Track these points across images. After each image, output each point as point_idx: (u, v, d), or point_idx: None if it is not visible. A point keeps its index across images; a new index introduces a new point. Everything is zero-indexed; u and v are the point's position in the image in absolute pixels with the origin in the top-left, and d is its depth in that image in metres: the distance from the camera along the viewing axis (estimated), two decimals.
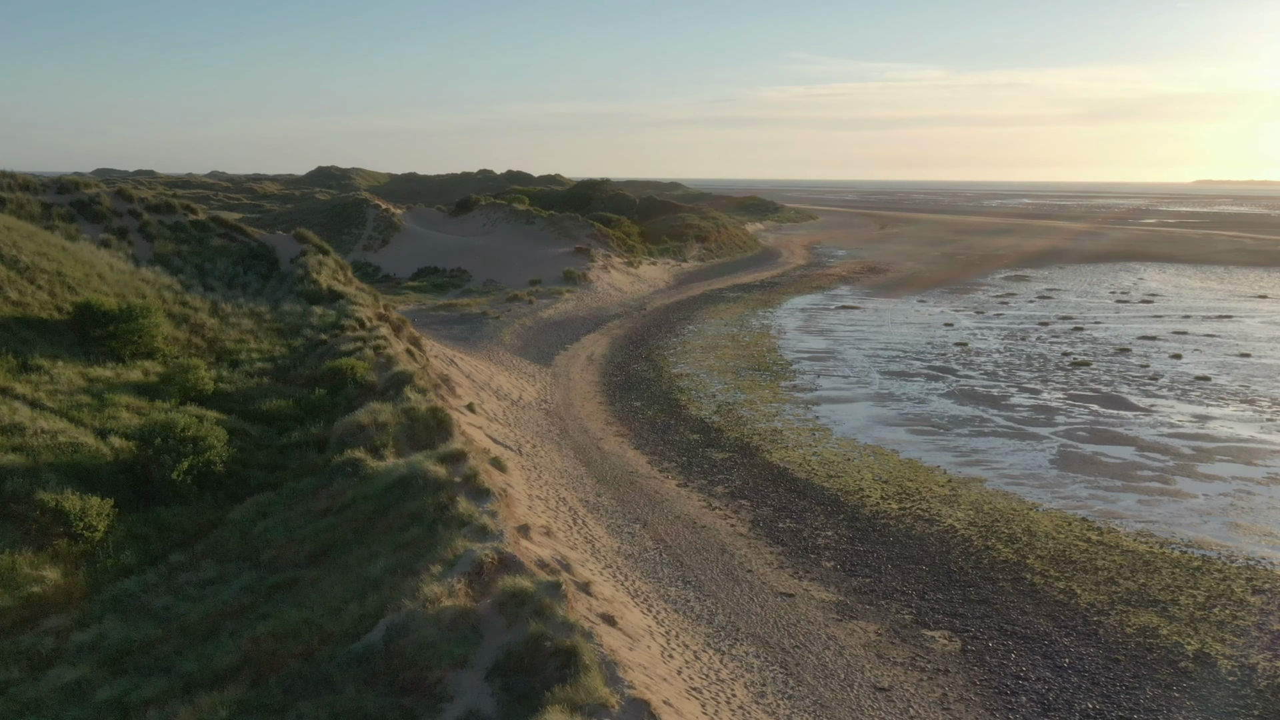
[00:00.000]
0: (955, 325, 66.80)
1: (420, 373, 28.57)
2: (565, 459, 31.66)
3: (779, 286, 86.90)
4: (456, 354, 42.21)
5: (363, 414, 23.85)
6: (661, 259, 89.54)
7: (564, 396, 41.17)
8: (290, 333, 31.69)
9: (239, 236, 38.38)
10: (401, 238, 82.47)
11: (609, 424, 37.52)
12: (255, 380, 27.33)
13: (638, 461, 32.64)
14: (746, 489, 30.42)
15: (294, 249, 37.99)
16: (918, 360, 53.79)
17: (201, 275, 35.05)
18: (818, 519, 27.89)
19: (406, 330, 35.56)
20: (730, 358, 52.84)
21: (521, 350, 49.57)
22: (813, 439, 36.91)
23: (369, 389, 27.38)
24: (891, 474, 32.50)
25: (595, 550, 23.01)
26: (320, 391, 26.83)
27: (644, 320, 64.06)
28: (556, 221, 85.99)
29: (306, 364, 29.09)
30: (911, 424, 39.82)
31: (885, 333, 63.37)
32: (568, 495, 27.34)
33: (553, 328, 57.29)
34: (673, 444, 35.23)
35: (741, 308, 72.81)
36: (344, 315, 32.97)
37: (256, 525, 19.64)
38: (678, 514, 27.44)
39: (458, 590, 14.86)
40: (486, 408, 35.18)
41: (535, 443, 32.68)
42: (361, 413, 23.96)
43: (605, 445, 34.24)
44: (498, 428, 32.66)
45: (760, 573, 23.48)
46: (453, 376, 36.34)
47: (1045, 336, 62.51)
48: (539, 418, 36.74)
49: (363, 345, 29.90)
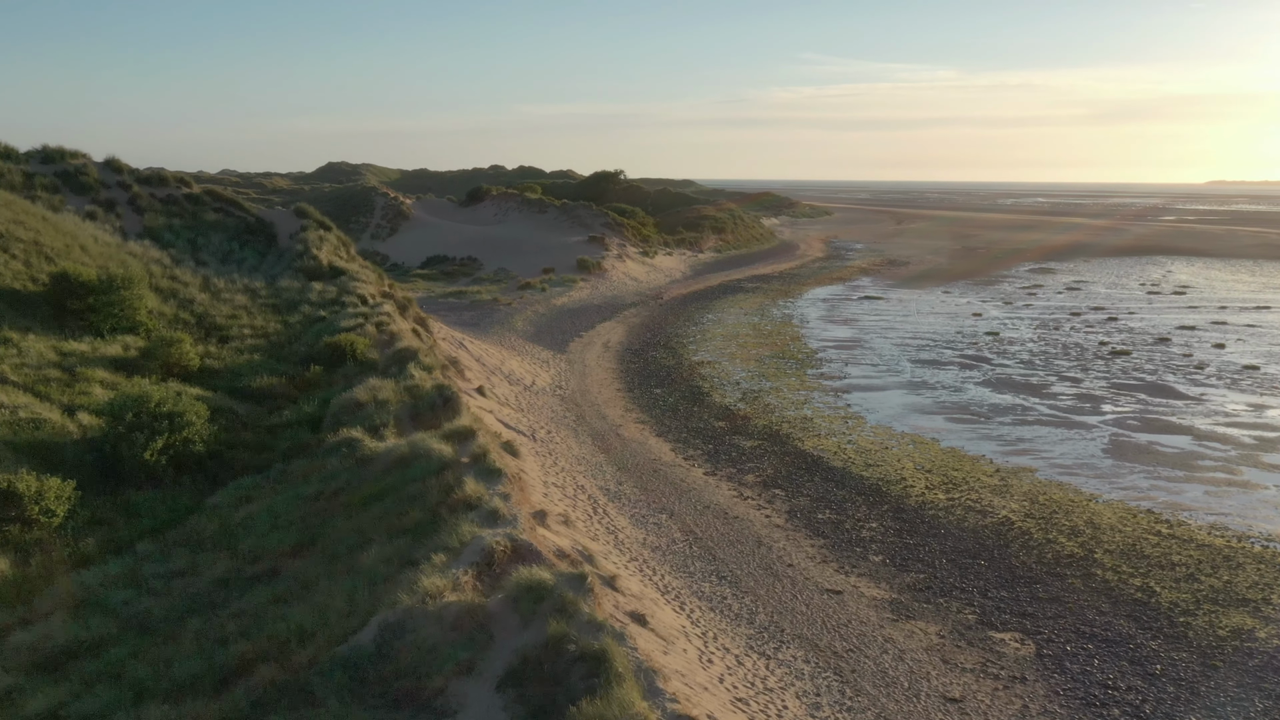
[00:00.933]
0: (984, 315, 64.31)
1: (426, 350, 26.29)
2: (583, 445, 29.34)
3: (798, 278, 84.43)
4: (466, 338, 39.93)
5: (361, 390, 21.56)
6: (677, 250, 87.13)
7: (579, 383, 38.84)
8: (287, 309, 29.44)
9: (236, 211, 36.16)
10: (410, 227, 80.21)
11: (628, 410, 35.17)
12: (246, 357, 25.09)
13: (660, 449, 30.28)
14: (779, 478, 28.03)
15: (293, 225, 35.77)
16: (949, 349, 51.36)
17: (194, 250, 32.85)
18: (859, 510, 25.49)
19: (412, 310, 33.30)
20: (753, 346, 50.46)
21: (534, 337, 47.26)
22: (846, 427, 34.52)
23: (370, 366, 25.11)
24: (934, 463, 30.08)
25: (619, 541, 20.66)
26: (316, 368, 24.57)
27: (661, 309, 61.70)
28: (570, 210, 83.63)
29: (303, 341, 26.82)
30: (949, 412, 37.39)
31: (912, 322, 60.91)
32: (586, 483, 25.01)
33: (567, 315, 54.97)
34: (697, 431, 32.87)
35: (761, 298, 70.39)
36: (345, 292, 30.71)
37: (238, 511, 17.37)
38: (707, 504, 25.08)
39: (464, 583, 12.55)
40: (497, 392, 32.88)
41: (550, 428, 30.35)
42: (360, 389, 21.68)
43: (625, 432, 31.90)
44: (509, 412, 30.35)
45: (802, 567, 21.10)
46: (461, 359, 34.05)
47: (1079, 326, 59.99)
48: (553, 403, 34.42)
49: (364, 321, 27.62)
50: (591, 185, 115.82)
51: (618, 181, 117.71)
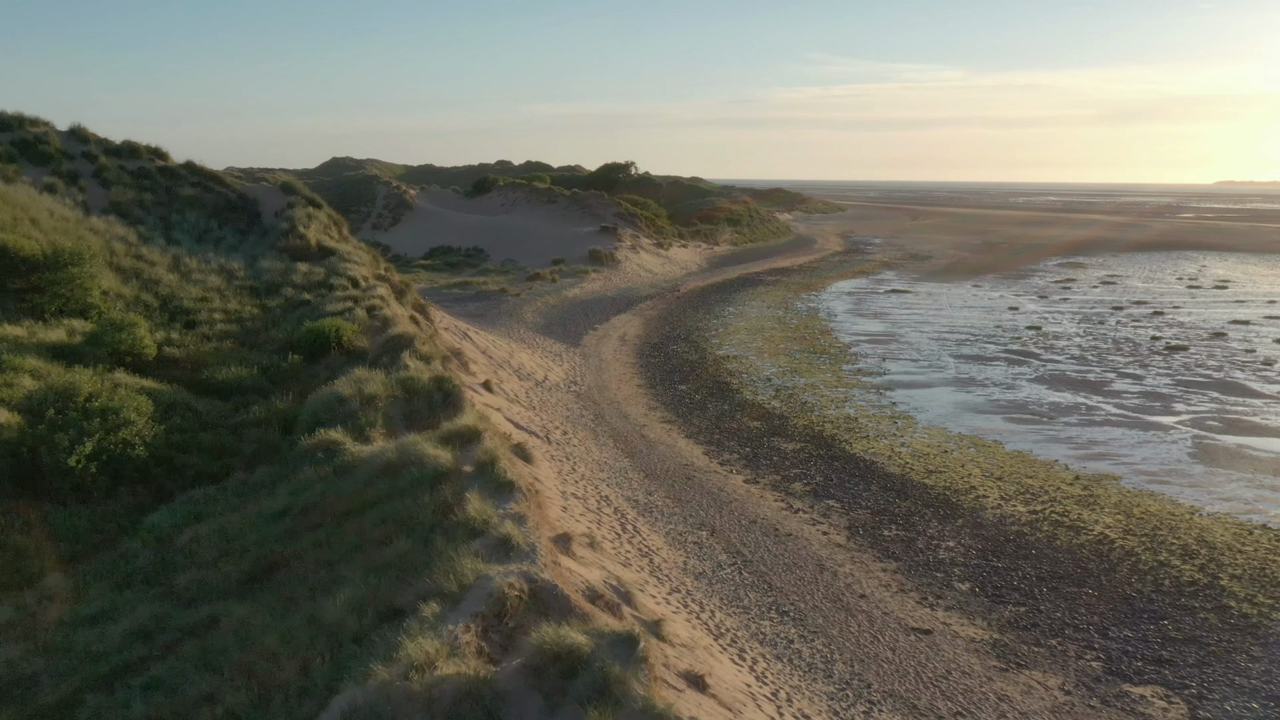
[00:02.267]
0: (1021, 309, 60.57)
1: (424, 339, 22.67)
2: (604, 449, 25.68)
3: (819, 271, 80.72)
4: (471, 329, 36.29)
5: (344, 384, 17.94)
6: (692, 242, 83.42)
7: (596, 378, 35.17)
8: (266, 292, 25.85)
9: (215, 186, 32.62)
10: (413, 217, 76.59)
11: (652, 409, 31.50)
12: (213, 345, 21.47)
13: (692, 452, 26.62)
14: (831, 486, 24.36)
15: (280, 202, 32.20)
16: (990, 344, 47.65)
17: (166, 228, 29.28)
18: (930, 525, 21.80)
19: (411, 295, 29.67)
20: (779, 340, 46.77)
21: (545, 329, 43.61)
22: (895, 428, 30.83)
23: (358, 356, 21.49)
24: (1003, 469, 26.39)
25: (655, 568, 17.01)
26: (294, 358, 20.97)
27: (678, 302, 58.04)
28: (581, 200, 79.96)
29: (282, 327, 23.21)
30: (1007, 411, 33.69)
31: (946, 316, 57.18)
32: (611, 493, 21.35)
33: (579, 307, 51.30)
34: (731, 432, 29.19)
35: (783, 291, 66.69)
36: (334, 274, 27.10)
37: (183, 533, 13.74)
38: (752, 517, 21.40)
39: (465, 645, 8.90)
40: (506, 387, 29.24)
41: (566, 429, 26.70)
42: (343, 382, 18.06)
43: (650, 433, 28.24)
44: (520, 410, 26.71)
45: (877, 598, 17.42)
46: (465, 351, 30.41)
47: (1124, 321, 56.23)
48: (568, 400, 30.76)
49: (353, 306, 24.00)
50: (601, 178, 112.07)
51: (628, 174, 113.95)
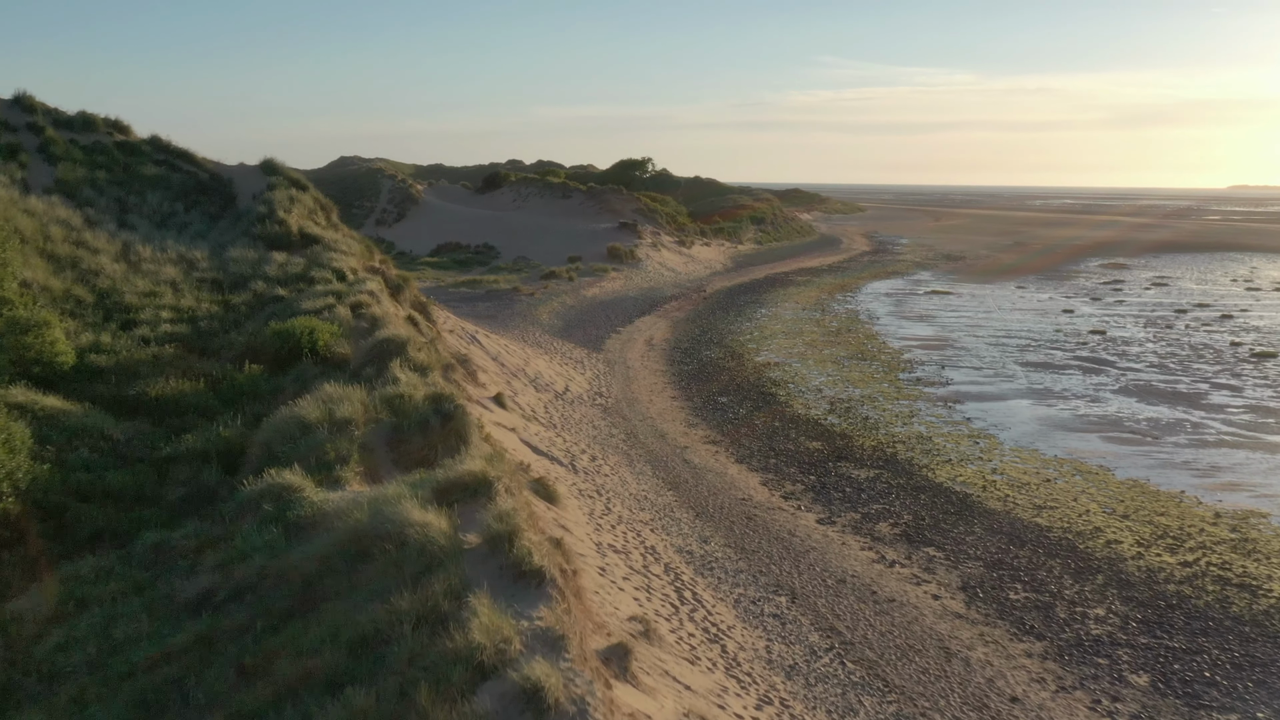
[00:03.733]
0: (1076, 312, 55.80)
1: (421, 344, 18.08)
2: (641, 478, 21.04)
3: (850, 271, 75.97)
4: (480, 331, 31.70)
5: (309, 404, 13.35)
6: (715, 240, 78.76)
7: (624, 389, 30.54)
8: (232, 286, 21.28)
9: (184, 165, 28.11)
10: (420, 212, 72.06)
11: (692, 426, 26.85)
12: (153, 350, 16.88)
13: (747, 482, 21.95)
14: (925, 528, 19.67)
15: (259, 183, 27.71)
16: (1057, 349, 42.92)
17: (121, 210, 24.80)
18: (1064, 583, 17.10)
19: (409, 292, 25.10)
20: (822, 345, 42.08)
21: (563, 332, 38.99)
22: (978, 449, 26.16)
23: (336, 365, 16.90)
24: (1124, 503, 21.69)
25: (732, 660, 12.33)
26: (253, 368, 16.38)
27: (706, 303, 53.35)
28: (597, 195, 75.35)
29: (245, 328, 18.62)
30: (1101, 429, 28.99)
31: (998, 319, 52.43)
32: (657, 542, 16.70)
33: (599, 308, 46.67)
34: (788, 455, 24.53)
35: (816, 291, 61.99)
36: (316, 264, 22.52)
37: (47, 638, 9.16)
38: (839, 574, 16.72)
39: None
40: (521, 401, 24.64)
41: (594, 453, 22.06)
42: (308, 402, 13.47)
43: (694, 457, 23.58)
44: (538, 430, 22.09)
45: (1034, 702, 12.72)
46: (474, 358, 25.83)
47: (1193, 325, 51.45)
48: (594, 416, 26.14)
49: (335, 303, 19.39)
50: (616, 175, 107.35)
51: (644, 171, 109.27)
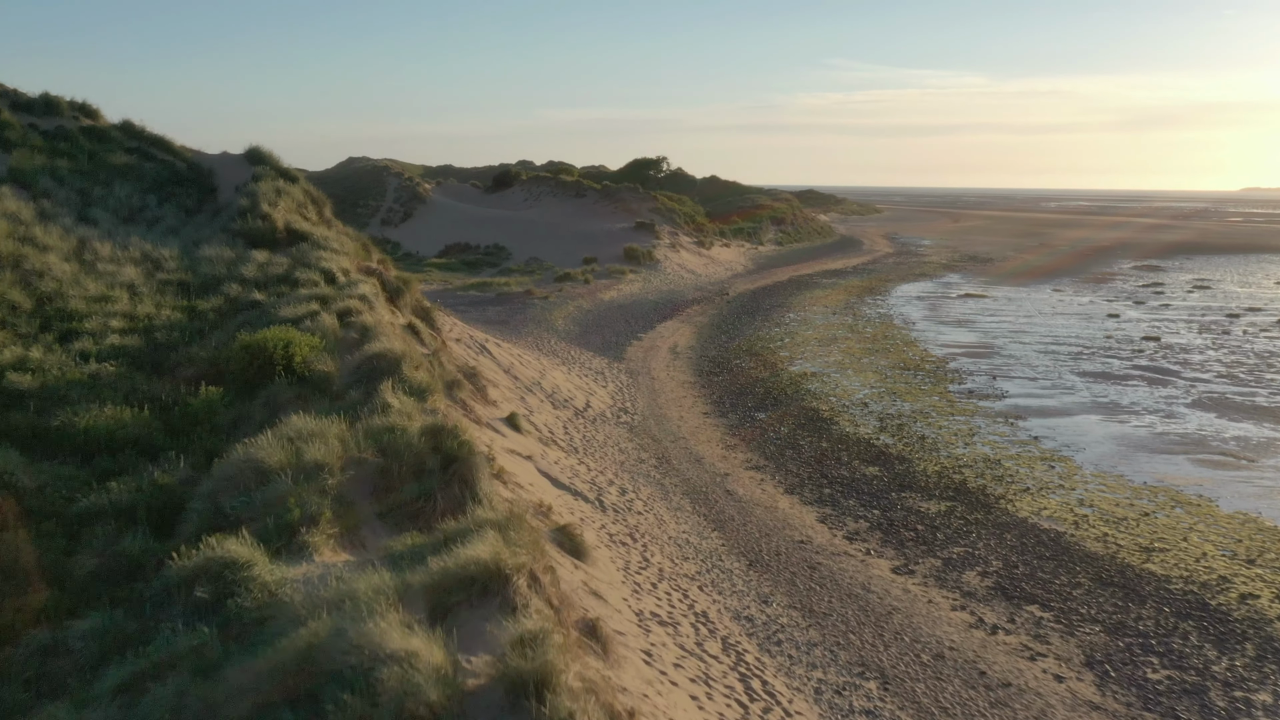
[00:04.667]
0: (1123, 317, 52.57)
1: (419, 360, 15.00)
2: (679, 516, 17.91)
3: (876, 273, 72.72)
4: (491, 339, 28.61)
5: (270, 444, 10.26)
6: (735, 241, 75.55)
7: (651, 404, 27.43)
8: (202, 289, 18.21)
9: (158, 153, 25.05)
10: (427, 211, 69.00)
11: (730, 448, 23.70)
12: (91, 368, 13.78)
13: (802, 519, 18.81)
14: (1020, 577, 16.50)
15: (243, 174, 24.67)
16: (1112, 358, 39.72)
17: (84, 203, 21.79)
18: (1208, 656, 13.91)
19: (411, 295, 22.01)
20: (860, 353, 38.92)
21: (581, 339, 35.88)
22: (1055, 474, 23.01)
23: (317, 385, 13.80)
24: (1242, 543, 18.51)
25: None
26: (211, 391, 13.29)
27: (730, 307, 50.18)
28: (612, 194, 72.20)
29: (211, 339, 15.52)
30: (1186, 449, 25.85)
31: (1041, 324, 49.23)
32: (709, 605, 13.57)
33: (617, 312, 43.56)
34: (844, 484, 21.38)
35: (843, 294, 58.80)
36: (302, 264, 19.43)
37: None
38: (934, 648, 13.56)
39: None
40: (537, 420, 21.53)
41: (624, 483, 18.94)
42: (269, 441, 10.36)
43: (737, 486, 20.44)
44: (558, 456, 18.99)
45: None
46: (483, 371, 22.75)
47: (1252, 330, 48.24)
48: (620, 437, 23.01)
49: (319, 310, 16.27)
50: (630, 174, 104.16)
51: (659, 170, 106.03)
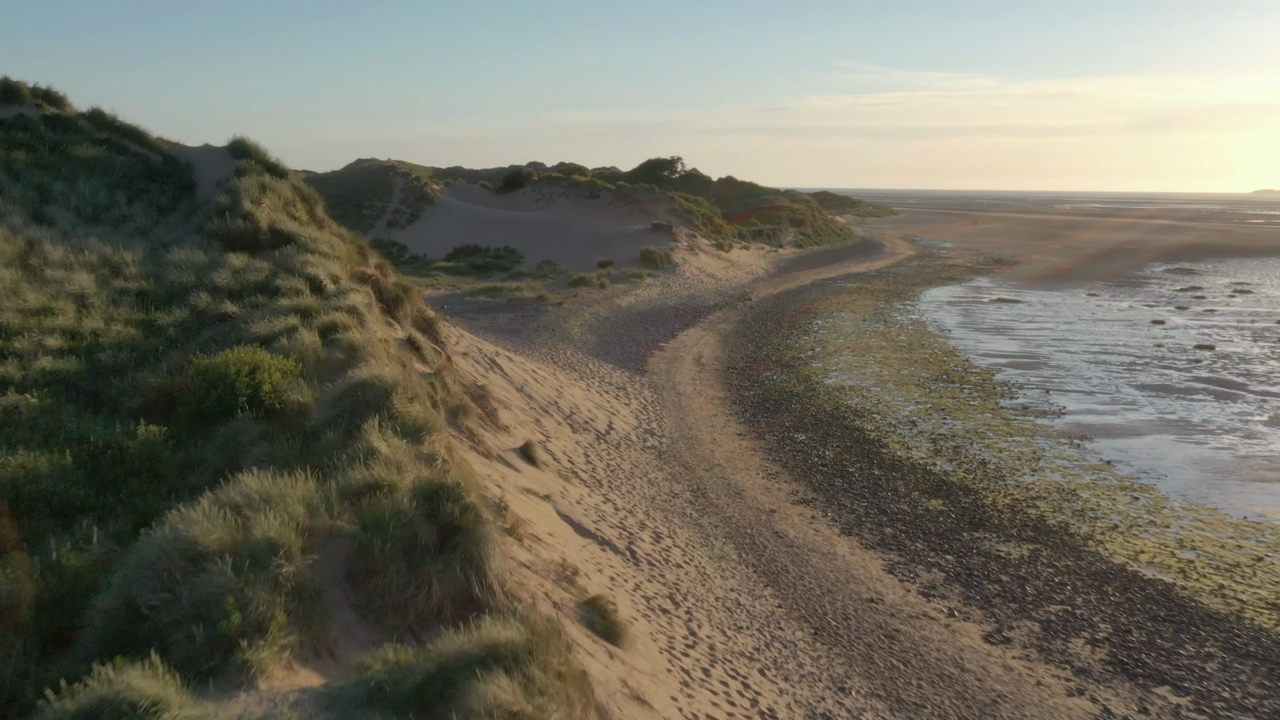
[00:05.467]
0: (1168, 323, 49.75)
1: (414, 390, 12.35)
2: (724, 567, 15.22)
3: (901, 277, 69.90)
4: (502, 351, 25.98)
5: (206, 516, 7.57)
6: (754, 243, 72.80)
7: (679, 423, 24.75)
8: (167, 299, 15.60)
9: (131, 145, 22.43)
10: (434, 212, 66.39)
11: (772, 477, 21.00)
12: (9, 398, 11.14)
13: (866, 567, 16.10)
14: (1137, 647, 13.76)
15: (226, 168, 22.07)
16: (1169, 369, 36.95)
17: (43, 199, 19.23)
18: None
19: (411, 305, 19.37)
20: (897, 363, 36.19)
21: (599, 349, 33.21)
22: (1140, 507, 20.30)
23: (289, 421, 11.20)
24: None
25: None
26: (152, 431, 10.64)
27: (753, 313, 47.45)
28: (627, 194, 69.53)
29: (165, 362, 12.86)
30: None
31: (1083, 331, 46.45)
32: (775, 698, 10.89)
33: (636, 320, 40.90)
34: (906, 521, 18.66)
35: (870, 299, 56.03)
36: (284, 270, 16.80)
37: None
38: None
39: None
40: (555, 447, 18.88)
41: (657, 525, 16.26)
42: (207, 510, 7.67)
43: (787, 526, 17.74)
44: (581, 494, 16.31)
45: None
46: (494, 389, 20.10)
47: None
48: (648, 464, 20.34)
49: (299, 326, 13.61)
50: (644, 175, 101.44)
51: (674, 170, 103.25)
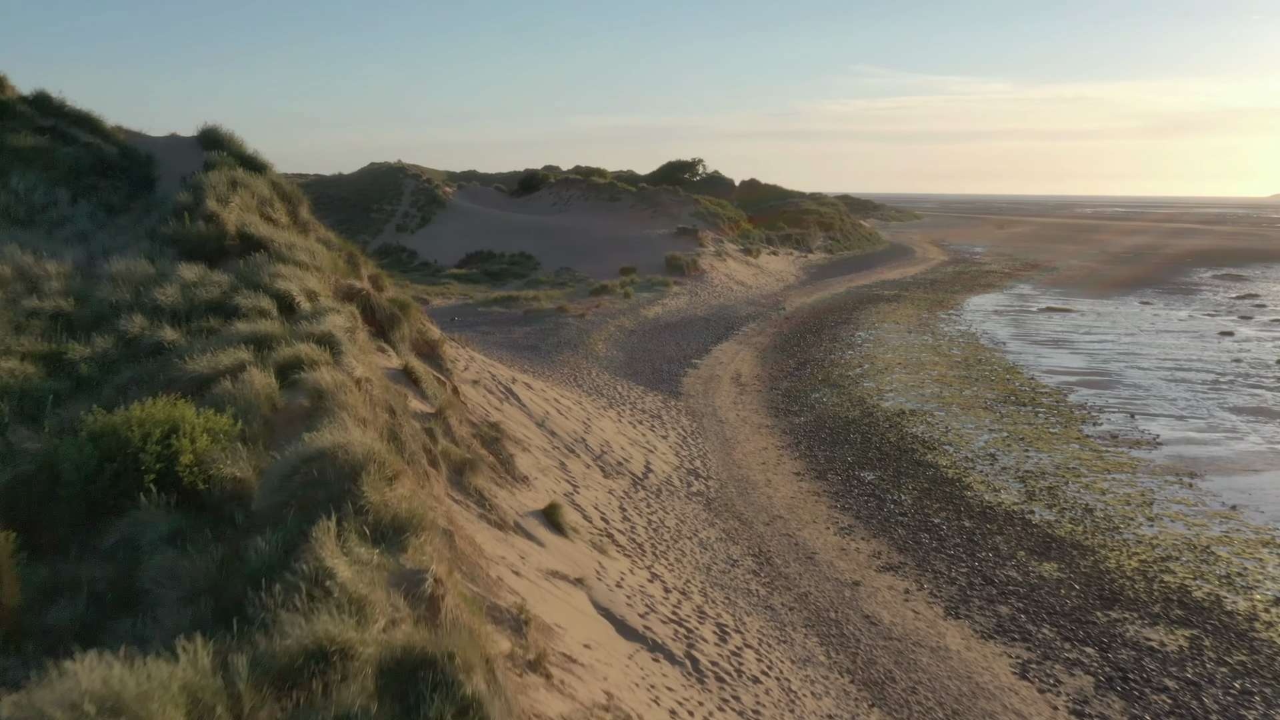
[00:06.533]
0: (1237, 335, 45.98)
1: (409, 440, 8.88)
2: (812, 680, 11.61)
3: (939, 284, 66.14)
4: (519, 375, 22.45)
5: None
6: (783, 248, 69.12)
7: (725, 460, 21.17)
8: (93, 323, 12.15)
9: (82, 134, 19.01)
10: (446, 216, 62.98)
11: (847, 535, 17.37)
12: None
13: (989, 669, 12.47)
14: None
15: (194, 161, 18.67)
16: (1258, 387, 33.26)
17: None
18: None
19: (409, 326, 15.88)
20: (956, 382, 32.53)
21: (627, 368, 29.67)
22: None
23: (217, 510, 7.63)
24: None
25: None
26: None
27: (789, 324, 43.82)
28: (650, 197, 66.00)
29: (51, 420, 9.34)
30: None
31: (1148, 344, 42.70)
32: None
33: (665, 332, 37.35)
34: (1023, 595, 15.02)
35: (912, 309, 52.32)
36: (247, 285, 13.30)
37: None
38: None
39: None
40: (586, 500, 15.34)
41: (719, 612, 12.68)
42: None
43: (878, 607, 14.12)
44: (620, 569, 12.76)
45: None
46: (510, 426, 16.57)
47: None
48: (696, 518, 16.77)
49: (249, 363, 10.08)
50: (664, 177, 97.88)
51: (695, 173, 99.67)
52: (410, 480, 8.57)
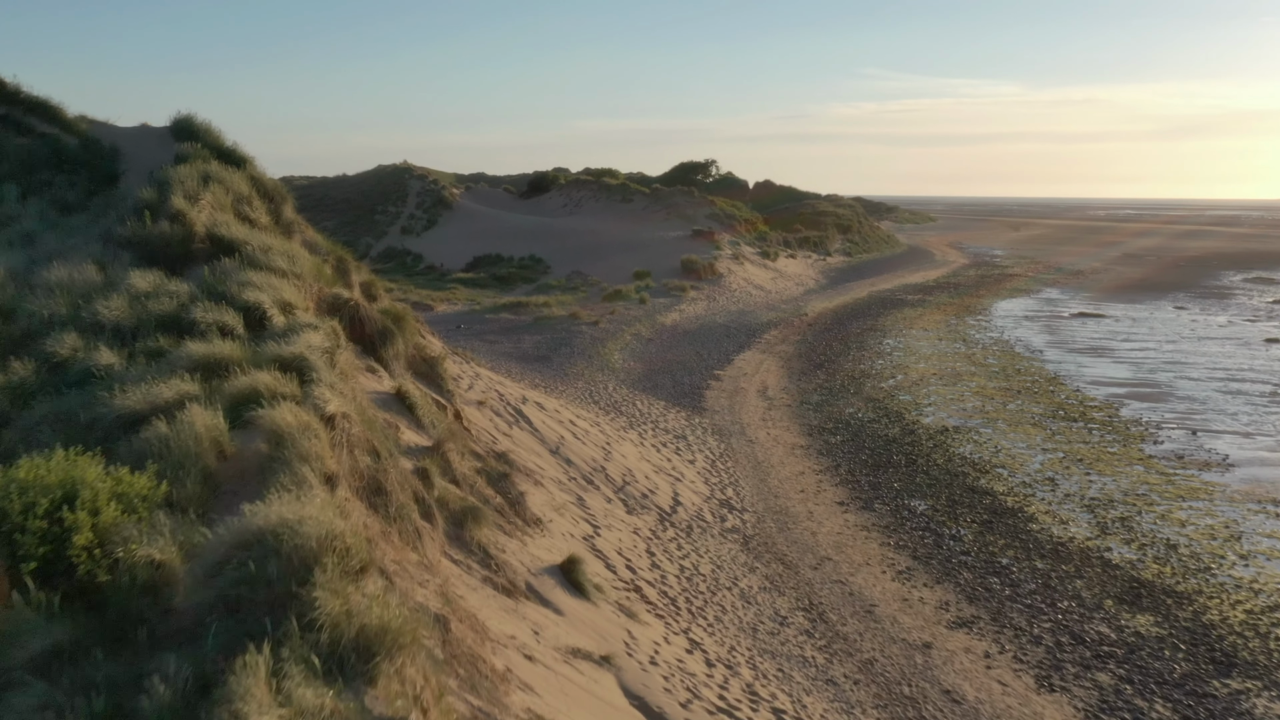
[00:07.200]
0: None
1: (361, 552, 6.59)
2: None
3: (963, 288, 63.87)
4: (530, 394, 20.27)
5: None
6: (800, 251, 66.92)
7: (760, 488, 18.99)
8: (19, 342, 10.07)
9: (38, 124, 16.92)
10: (453, 218, 60.89)
11: (906, 581, 15.17)
12: None
13: None
14: None
15: (165, 154, 16.61)
16: None
17: None
18: None
19: (404, 341, 13.77)
20: (997, 395, 30.31)
21: (646, 381, 27.50)
22: None
23: (121, 616, 5.37)
24: None
25: None
26: None
27: (812, 331, 41.62)
28: (663, 198, 63.87)
29: None
30: None
31: (1193, 352, 40.43)
32: None
33: (684, 341, 35.17)
34: (1121, 659, 12.81)
35: (939, 314, 50.08)
36: (212, 295, 11.22)
37: None
38: None
39: None
40: (608, 545, 13.17)
41: (772, 692, 10.50)
42: None
43: (957, 679, 11.91)
44: (653, 639, 10.57)
45: None
46: (519, 456, 14.42)
47: None
48: (734, 563, 14.60)
49: (193, 397, 7.98)
50: (676, 179, 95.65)
51: (708, 174, 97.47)
52: (393, 553, 6.39)
